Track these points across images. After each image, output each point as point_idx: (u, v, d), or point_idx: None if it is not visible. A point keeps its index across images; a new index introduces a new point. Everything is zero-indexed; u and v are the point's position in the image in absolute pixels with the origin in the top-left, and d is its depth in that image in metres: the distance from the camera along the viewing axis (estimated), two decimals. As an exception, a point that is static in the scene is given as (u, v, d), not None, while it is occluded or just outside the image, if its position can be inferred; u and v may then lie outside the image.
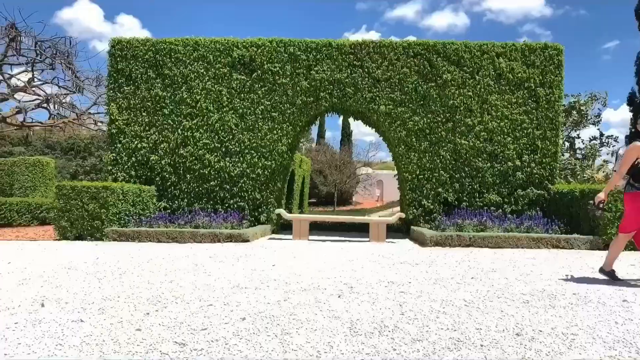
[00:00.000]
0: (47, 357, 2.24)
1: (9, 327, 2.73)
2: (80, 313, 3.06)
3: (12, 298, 3.48)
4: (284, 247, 7.13)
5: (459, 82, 9.34)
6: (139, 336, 2.58)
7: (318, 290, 3.94)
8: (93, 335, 2.59)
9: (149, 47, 9.58)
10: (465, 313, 3.27)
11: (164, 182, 9.38)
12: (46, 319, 2.90)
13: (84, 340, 2.51)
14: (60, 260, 5.41)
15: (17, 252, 6.20)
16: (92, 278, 4.32)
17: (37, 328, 2.71)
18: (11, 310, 3.11)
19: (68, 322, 2.83)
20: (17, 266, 4.97)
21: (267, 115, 9.43)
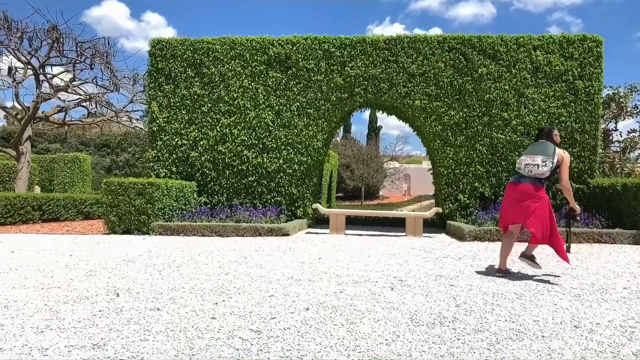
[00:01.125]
0: (139, 341, 2.45)
1: (95, 314, 2.96)
2: (154, 302, 3.28)
3: (87, 288, 3.73)
4: (324, 241, 7.29)
5: (495, 76, 9.29)
6: (216, 324, 2.77)
7: (369, 282, 4.08)
8: (174, 323, 2.79)
9: (188, 47, 9.85)
10: (519, 305, 3.35)
11: (204, 177, 9.66)
12: (126, 307, 3.12)
13: (167, 327, 2.71)
14: (117, 253, 5.70)
15: (72, 245, 6.54)
16: (153, 270, 4.56)
17: (121, 316, 2.93)
18: (91, 300, 3.35)
19: (146, 311, 3.05)
20: (79, 258, 5.27)
21: (302, 111, 9.59)
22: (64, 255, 5.51)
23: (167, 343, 2.43)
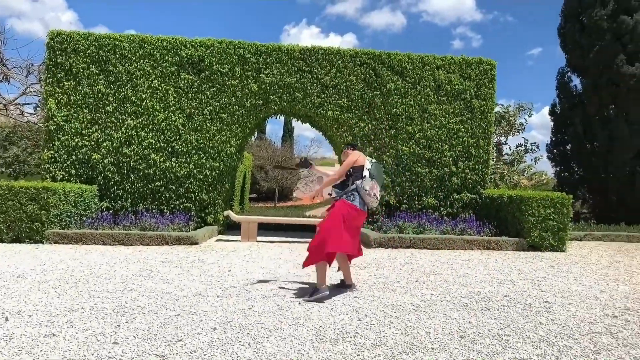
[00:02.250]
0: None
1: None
2: (49, 327, 3.08)
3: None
4: (234, 250, 7.25)
5: (402, 92, 9.87)
6: (119, 350, 2.68)
7: (278, 297, 4.16)
8: (72, 351, 2.65)
9: (92, 42, 9.24)
10: (415, 317, 3.64)
11: (106, 181, 9.12)
12: (16, 334, 2.90)
13: (65, 356, 2.57)
14: (4, 267, 5.21)
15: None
16: (47, 287, 4.26)
17: (11, 344, 2.72)
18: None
19: (40, 337, 2.86)
20: (-43, 275, 4.75)
21: (215, 116, 9.44)
22: (-61, 271, 4.92)
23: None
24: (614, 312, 4.01)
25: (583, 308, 4.13)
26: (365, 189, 4.22)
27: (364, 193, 4.22)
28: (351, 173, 4.38)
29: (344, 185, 4.43)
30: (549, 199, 8.33)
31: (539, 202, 8.30)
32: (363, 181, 4.25)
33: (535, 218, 8.26)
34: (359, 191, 4.24)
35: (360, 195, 4.26)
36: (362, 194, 4.24)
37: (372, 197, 4.24)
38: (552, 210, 8.31)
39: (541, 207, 8.29)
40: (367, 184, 4.23)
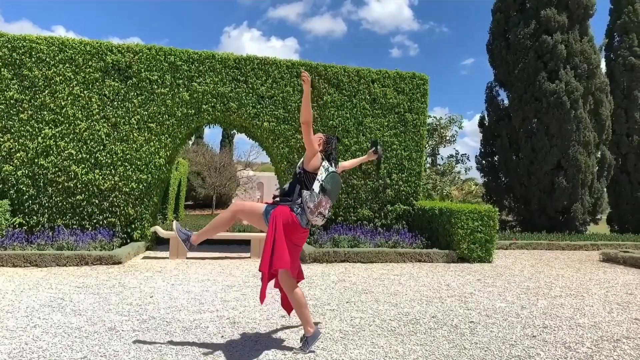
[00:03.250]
0: None
1: None
2: None
3: None
4: (160, 271, 6.87)
5: (338, 104, 9.88)
6: (2, 413, 2.36)
7: (200, 329, 3.92)
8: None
9: (4, 43, 8.47)
10: (342, 347, 3.55)
11: (19, 195, 8.36)
12: None
13: None
14: None
15: None
16: None
17: None
18: None
19: None
20: None
21: (143, 125, 8.95)
22: None
23: None
24: (533, 332, 4.14)
25: (505, 328, 4.23)
26: (309, 207, 3.41)
27: (307, 209, 3.42)
28: (303, 176, 3.55)
29: (291, 187, 3.59)
30: (477, 212, 8.64)
31: (467, 215, 8.58)
32: (309, 195, 3.43)
33: (464, 230, 8.52)
34: (303, 206, 3.45)
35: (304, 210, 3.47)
36: (306, 210, 3.44)
37: (315, 215, 3.45)
38: (480, 223, 8.62)
39: (470, 220, 8.57)
40: (313, 200, 3.42)
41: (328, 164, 3.60)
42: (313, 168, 3.52)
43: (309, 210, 3.42)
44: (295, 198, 3.48)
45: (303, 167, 3.57)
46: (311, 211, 3.43)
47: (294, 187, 3.55)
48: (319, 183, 3.47)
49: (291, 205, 3.46)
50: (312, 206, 3.42)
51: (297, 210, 3.45)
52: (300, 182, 3.54)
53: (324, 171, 3.53)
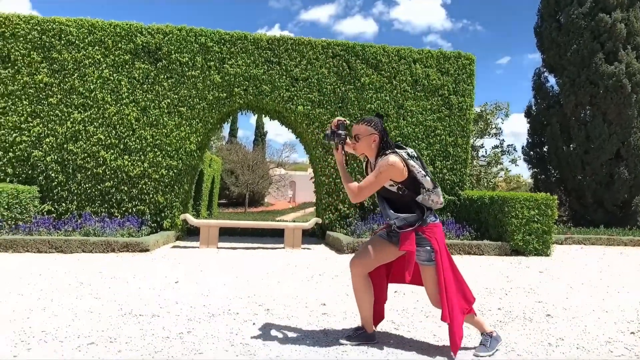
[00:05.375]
0: None
1: None
2: None
3: None
4: (189, 258, 6.41)
5: (377, 86, 9.23)
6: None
7: (229, 315, 3.38)
8: None
9: (34, 26, 8.26)
10: (394, 338, 2.93)
11: (48, 181, 8.12)
12: None
13: None
14: None
15: None
16: None
17: None
18: None
19: None
20: None
21: (173, 109, 8.58)
22: None
23: None
24: (630, 328, 3.39)
25: (592, 323, 3.50)
26: (440, 202, 2.71)
27: (437, 205, 2.71)
28: (405, 187, 2.66)
29: (401, 208, 2.69)
30: (534, 200, 7.80)
31: (522, 203, 7.76)
32: (430, 193, 2.67)
33: (518, 220, 7.71)
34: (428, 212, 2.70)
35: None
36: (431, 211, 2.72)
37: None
38: (537, 212, 7.78)
39: (525, 209, 7.75)
40: (438, 194, 2.69)
41: (405, 152, 2.66)
42: (405, 175, 2.63)
43: (439, 203, 2.70)
44: (417, 214, 2.65)
45: (398, 183, 2.65)
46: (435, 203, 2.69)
47: (403, 206, 2.68)
48: (426, 176, 2.65)
49: (420, 222, 2.64)
50: (441, 200, 2.71)
51: (427, 220, 2.66)
52: (405, 195, 2.67)
53: (414, 161, 2.66)
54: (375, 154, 2.71)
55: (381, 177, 2.58)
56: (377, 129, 2.70)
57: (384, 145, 2.69)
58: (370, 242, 2.80)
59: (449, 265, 2.66)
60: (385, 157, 2.61)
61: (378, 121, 2.73)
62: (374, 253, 2.72)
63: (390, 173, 2.57)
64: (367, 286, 2.78)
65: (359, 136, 2.70)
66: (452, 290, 2.60)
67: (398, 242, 2.65)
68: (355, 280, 2.77)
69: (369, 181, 2.60)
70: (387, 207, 2.68)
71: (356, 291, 2.80)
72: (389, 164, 2.55)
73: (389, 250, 2.72)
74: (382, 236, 2.78)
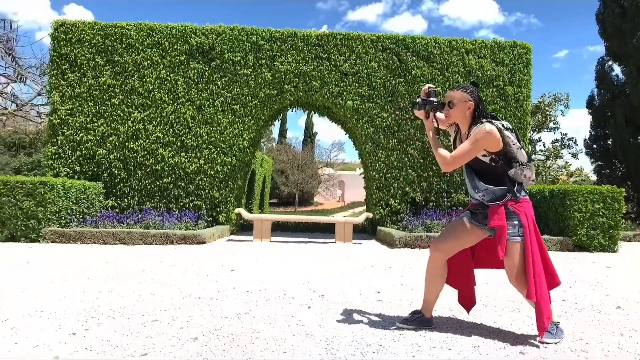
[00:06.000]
0: None
1: None
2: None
3: None
4: (244, 250, 6.56)
5: (428, 78, 9.06)
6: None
7: (285, 299, 3.43)
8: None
9: (98, 31, 8.76)
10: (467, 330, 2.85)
11: (112, 178, 8.57)
12: None
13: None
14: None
15: None
16: (15, 288, 3.62)
17: None
18: None
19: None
20: None
21: (227, 107, 8.81)
22: None
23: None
24: None
25: (668, 316, 3.25)
26: (532, 178, 2.63)
27: (528, 182, 2.61)
28: (500, 159, 2.53)
29: (489, 180, 2.56)
30: (598, 193, 7.37)
31: (586, 197, 7.35)
32: (524, 168, 2.55)
33: (582, 214, 7.31)
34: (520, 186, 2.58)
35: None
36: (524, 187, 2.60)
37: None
38: (602, 206, 7.34)
39: (589, 202, 7.33)
40: (531, 168, 2.61)
41: (500, 123, 2.53)
42: (501, 146, 2.51)
43: (531, 179, 2.60)
44: (508, 187, 2.52)
45: (492, 154, 2.52)
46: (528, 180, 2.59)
47: (494, 179, 2.55)
48: (522, 149, 2.52)
49: (509, 195, 2.51)
50: (534, 176, 2.64)
51: (518, 194, 2.53)
52: (498, 167, 2.54)
53: (509, 132, 2.51)
54: (469, 122, 2.60)
55: (477, 145, 2.47)
56: (473, 96, 2.60)
57: (479, 114, 2.58)
58: (452, 224, 2.70)
59: (537, 243, 2.54)
60: (481, 125, 2.50)
61: (474, 89, 2.63)
62: (456, 236, 2.63)
63: (487, 142, 2.46)
64: (443, 271, 2.71)
65: (453, 102, 2.60)
66: (539, 268, 2.49)
67: (484, 219, 2.54)
68: (432, 264, 2.70)
69: (464, 149, 2.49)
70: (477, 178, 2.57)
71: (429, 274, 2.73)
72: (486, 132, 2.45)
73: (473, 232, 2.60)
74: (465, 217, 2.66)
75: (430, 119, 2.69)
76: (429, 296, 2.76)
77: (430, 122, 2.69)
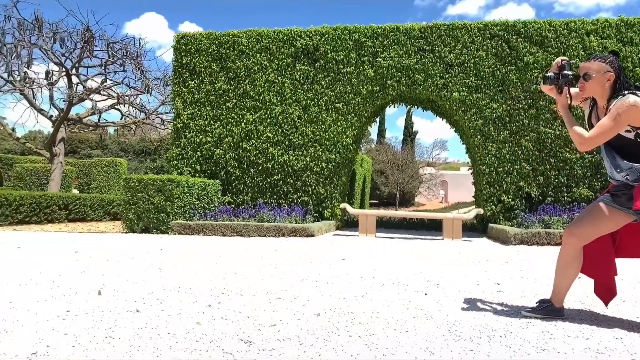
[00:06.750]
0: (93, 350, 1.91)
1: (60, 315, 2.46)
2: (137, 303, 2.76)
3: (71, 286, 3.26)
4: (351, 243, 6.66)
5: (543, 65, 8.43)
6: (199, 331, 2.21)
7: (399, 286, 3.43)
8: (147, 328, 2.24)
9: (213, 41, 9.49)
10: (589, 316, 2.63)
11: (228, 176, 9.22)
12: (101, 308, 2.61)
13: (137, 333, 2.17)
14: (126, 251, 5.28)
15: (86, 243, 6.18)
16: (154, 268, 4.07)
17: (89, 318, 2.42)
18: (67, 298, 2.87)
19: (123, 312, 2.52)
20: (84, 256, 4.86)
21: (330, 106, 9.02)
22: (68, 253, 5.12)
23: (125, 355, 1.88)
24: None
25: None
26: None
27: None
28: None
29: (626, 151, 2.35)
30: None
31: None
32: None
33: None
34: None
35: None
36: None
37: None
38: None
39: None
40: None
41: None
42: None
43: None
44: None
45: (637, 129, 2.29)
46: None
47: (638, 154, 2.33)
48: None
49: None
50: None
51: None
52: None
53: None
54: (608, 95, 2.38)
55: (620, 120, 2.25)
56: (613, 66, 2.37)
57: (620, 86, 2.35)
58: (588, 208, 2.49)
59: None
60: (623, 97, 2.27)
61: (614, 59, 2.40)
62: (593, 221, 2.41)
63: (631, 115, 2.23)
64: (577, 258, 2.50)
65: (589, 75, 2.39)
66: None
67: (628, 201, 2.30)
68: (566, 250, 2.51)
69: (605, 125, 2.27)
70: (618, 156, 2.35)
71: (562, 262, 2.54)
72: (630, 105, 2.22)
73: (613, 216, 2.37)
74: (604, 200, 2.43)
75: (563, 94, 2.50)
76: (560, 285, 2.57)
77: (564, 97, 2.49)
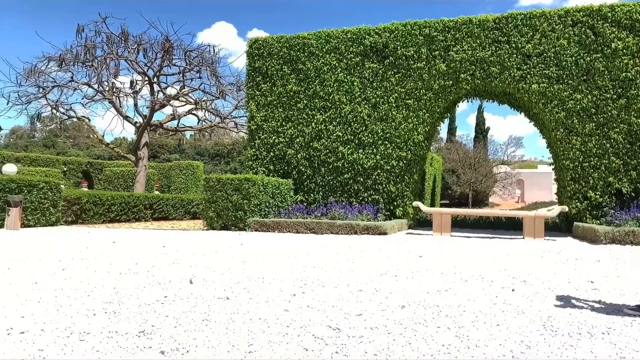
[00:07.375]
0: (193, 331, 2.04)
1: (159, 300, 2.65)
2: (226, 291, 2.90)
3: (164, 275, 3.49)
4: (426, 241, 6.54)
5: (634, 50, 7.78)
6: (288, 317, 2.28)
7: (483, 281, 3.32)
8: (239, 313, 2.35)
9: (284, 44, 9.73)
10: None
11: (299, 175, 9.41)
12: (194, 294, 2.78)
13: (230, 317, 2.28)
14: (209, 246, 5.55)
15: (172, 239, 6.58)
16: (237, 261, 4.25)
17: (185, 303, 2.58)
18: (163, 285, 3.08)
19: (214, 299, 2.67)
20: (171, 249, 5.18)
21: (400, 103, 8.91)
22: (157, 247, 5.48)
23: (223, 336, 1.99)
24: None
25: None
26: None
27: None
28: None
29: None
30: None
31: None
32: None
33: None
34: None
35: None
36: None
37: None
38: None
39: None
40: None
41: None
42: None
43: None
44: None
45: None
46: None
47: None
48: None
49: None
50: None
51: None
52: None
53: None
54: None
55: None
56: None
57: None
58: None
59: None
60: None
61: None
62: None
63: None
64: None
65: None
66: None
67: None
68: None
69: None
70: None
71: None
72: None
73: None
74: None
75: None
76: None
77: None
